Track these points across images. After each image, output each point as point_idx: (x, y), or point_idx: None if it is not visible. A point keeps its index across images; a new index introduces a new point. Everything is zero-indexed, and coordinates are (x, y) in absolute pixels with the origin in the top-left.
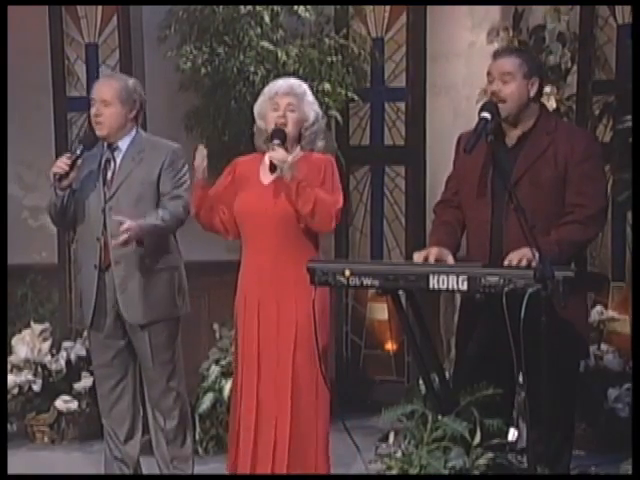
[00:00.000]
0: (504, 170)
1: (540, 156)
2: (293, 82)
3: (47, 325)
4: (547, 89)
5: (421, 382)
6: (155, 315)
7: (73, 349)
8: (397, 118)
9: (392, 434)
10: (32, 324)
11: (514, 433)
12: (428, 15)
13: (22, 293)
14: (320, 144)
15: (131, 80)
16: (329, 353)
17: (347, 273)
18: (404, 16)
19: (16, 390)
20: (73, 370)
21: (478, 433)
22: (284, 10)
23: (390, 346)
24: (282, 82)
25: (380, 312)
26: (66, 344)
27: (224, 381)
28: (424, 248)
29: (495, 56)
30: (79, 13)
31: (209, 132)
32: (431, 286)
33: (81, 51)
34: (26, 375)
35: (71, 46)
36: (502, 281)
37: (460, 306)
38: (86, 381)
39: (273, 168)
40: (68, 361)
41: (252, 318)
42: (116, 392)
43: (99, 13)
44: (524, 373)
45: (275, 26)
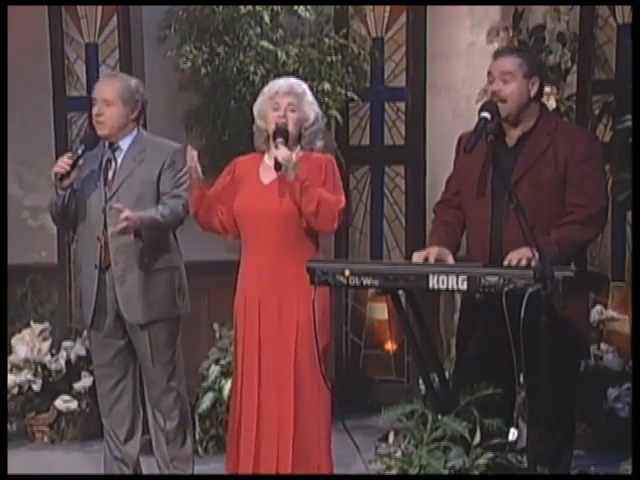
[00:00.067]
0: (504, 170)
1: (540, 156)
2: (293, 82)
3: (47, 325)
4: (547, 89)
5: (421, 382)
6: (155, 315)
7: (73, 349)
8: (397, 118)
9: (392, 434)
10: (32, 324)
11: (514, 433)
12: (428, 15)
13: (22, 293)
14: (319, 144)
15: (133, 80)
16: (330, 353)
17: (347, 273)
18: (404, 16)
19: (16, 390)
20: (73, 370)
21: (478, 433)
22: (284, 10)
23: (390, 346)
24: (282, 82)
25: (380, 312)
26: (66, 344)
27: (224, 381)
28: (424, 248)
29: (496, 56)
30: (79, 13)
31: (209, 132)
32: (431, 286)
33: (81, 51)
34: (26, 375)
35: (71, 46)
36: (502, 281)
37: (460, 306)
38: (86, 381)
39: (278, 167)
40: (68, 361)
41: (253, 318)
42: (116, 392)
43: (99, 13)
44: (524, 373)
45: (275, 26)
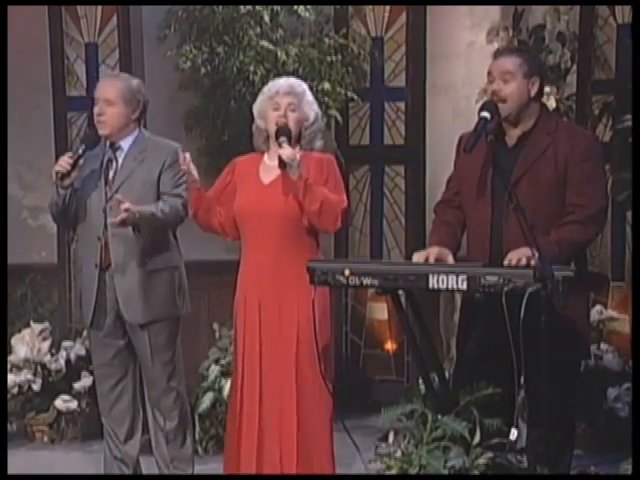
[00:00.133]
0: (504, 170)
1: (540, 156)
2: (293, 81)
3: (47, 325)
4: (547, 89)
5: (421, 382)
6: (155, 315)
7: (73, 349)
8: (397, 118)
9: (392, 434)
10: (32, 324)
11: (515, 433)
12: (428, 15)
13: (22, 293)
14: (319, 144)
15: (135, 80)
16: (330, 353)
17: (347, 273)
18: (404, 16)
19: (16, 390)
20: (73, 370)
21: (478, 433)
22: (284, 10)
23: (390, 346)
24: (283, 81)
25: (380, 312)
26: (66, 344)
27: (224, 381)
28: (424, 248)
29: (496, 55)
30: (79, 13)
31: (209, 132)
32: (431, 286)
33: (81, 51)
34: (26, 375)
35: (71, 46)
36: (502, 281)
37: (460, 306)
38: (86, 381)
39: (283, 165)
40: (68, 361)
41: (253, 318)
42: (116, 391)
43: (99, 13)
44: (524, 373)
45: (275, 26)
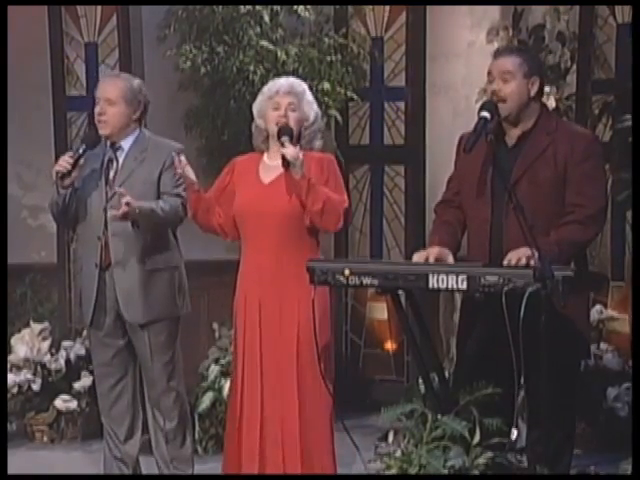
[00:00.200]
0: (503, 170)
1: (539, 156)
2: (294, 81)
3: (46, 324)
4: (546, 88)
5: (420, 381)
6: (155, 315)
7: (72, 348)
8: (396, 117)
9: (391, 433)
10: (31, 323)
11: (515, 433)
12: (428, 14)
13: (21, 292)
14: (318, 143)
15: (136, 80)
16: (330, 353)
17: (347, 272)
18: (403, 15)
19: (15, 389)
20: (72, 369)
21: (477, 432)
22: (283, 9)
23: (390, 345)
24: (283, 81)
25: (380, 311)
26: (65, 343)
27: (223, 380)
28: (424, 248)
29: (495, 55)
30: (79, 12)
31: (208, 131)
32: (430, 285)
33: (80, 50)
34: (25, 374)
35: (70, 45)
36: (501, 280)
37: (461, 306)
38: (85, 380)
39: (287, 165)
40: (67, 360)
41: (253, 318)
42: (116, 391)
43: (98, 12)
44: (524, 372)
45: (274, 25)
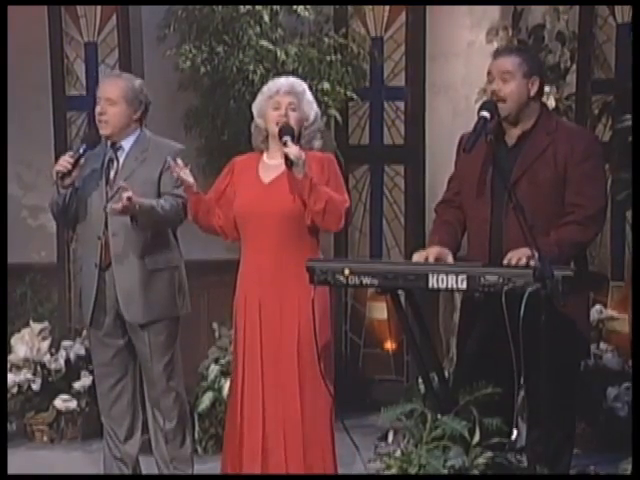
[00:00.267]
0: (503, 169)
1: (539, 156)
2: (294, 81)
3: (46, 324)
4: (546, 88)
5: (420, 381)
6: (155, 314)
7: (72, 348)
8: (396, 117)
9: (391, 433)
10: (31, 323)
11: (515, 433)
12: (427, 14)
13: (21, 292)
14: (317, 143)
15: (137, 80)
16: (330, 353)
17: (346, 272)
18: (403, 15)
19: (15, 389)
20: (72, 369)
21: (477, 432)
22: (283, 9)
23: (389, 345)
24: (283, 81)
25: (379, 311)
26: (65, 343)
27: (223, 380)
28: (424, 248)
29: (495, 55)
30: (78, 12)
31: (208, 131)
32: (430, 285)
33: (80, 50)
34: (25, 374)
35: (70, 45)
36: (501, 280)
37: (460, 306)
38: (85, 380)
39: (290, 164)
40: (67, 360)
41: (253, 318)
42: (115, 391)
43: (98, 12)
44: (524, 372)
45: (274, 25)
